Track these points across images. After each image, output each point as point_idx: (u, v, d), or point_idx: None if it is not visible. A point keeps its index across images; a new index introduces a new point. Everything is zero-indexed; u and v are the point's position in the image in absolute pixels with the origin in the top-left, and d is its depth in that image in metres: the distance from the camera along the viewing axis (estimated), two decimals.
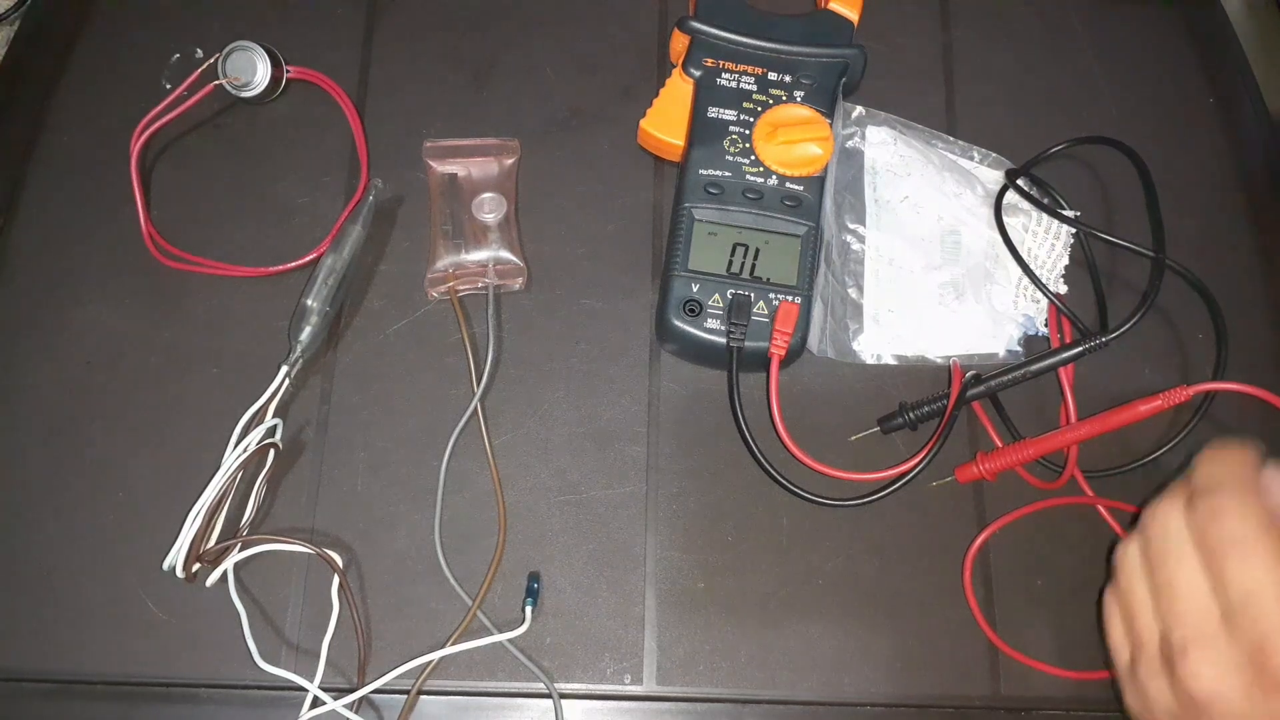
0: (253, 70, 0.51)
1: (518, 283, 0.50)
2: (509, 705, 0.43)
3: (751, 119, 0.48)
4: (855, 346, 0.49)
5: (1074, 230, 0.51)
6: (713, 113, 0.49)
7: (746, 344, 0.45)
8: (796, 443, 0.45)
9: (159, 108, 0.50)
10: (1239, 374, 0.47)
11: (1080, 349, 0.46)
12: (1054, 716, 0.44)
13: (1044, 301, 0.49)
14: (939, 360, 0.49)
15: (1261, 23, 0.60)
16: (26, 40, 0.56)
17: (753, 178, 0.47)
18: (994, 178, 0.52)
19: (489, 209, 0.50)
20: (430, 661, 0.43)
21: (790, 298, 0.46)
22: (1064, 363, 0.47)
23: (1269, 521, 0.33)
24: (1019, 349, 0.49)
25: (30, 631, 0.44)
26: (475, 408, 0.47)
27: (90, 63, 0.55)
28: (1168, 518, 0.35)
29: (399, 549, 0.45)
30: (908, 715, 0.44)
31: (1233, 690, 0.32)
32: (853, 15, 0.51)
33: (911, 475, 0.46)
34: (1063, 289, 0.50)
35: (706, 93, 0.49)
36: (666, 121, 0.50)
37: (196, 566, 0.43)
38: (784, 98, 0.49)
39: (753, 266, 0.46)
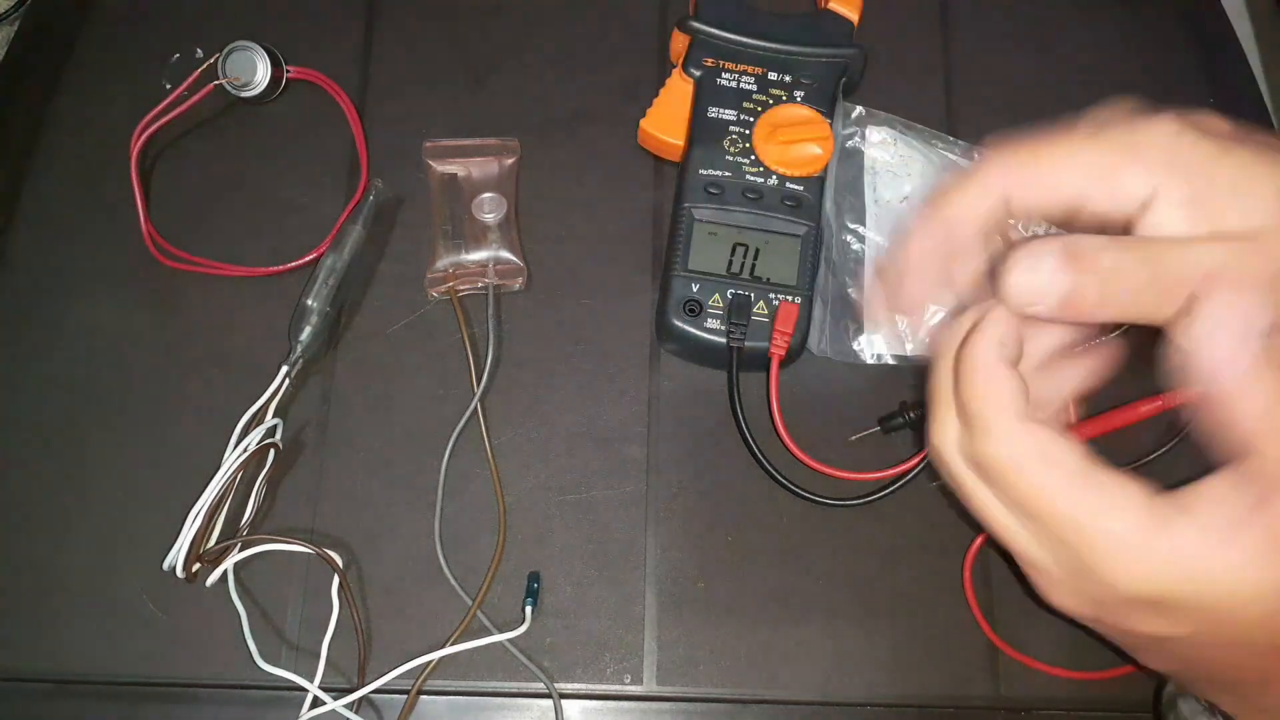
0: (253, 70, 0.51)
1: (518, 283, 0.50)
2: (509, 705, 0.43)
3: (751, 119, 0.48)
4: (855, 346, 0.49)
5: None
6: (713, 113, 0.49)
7: (746, 344, 0.45)
8: (796, 443, 0.45)
9: (159, 108, 0.50)
10: None
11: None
12: (1054, 716, 0.44)
13: None
14: None
15: (1261, 23, 0.60)
16: (26, 40, 0.56)
17: (753, 178, 0.47)
18: None
19: (489, 209, 0.50)
20: (430, 661, 0.43)
21: (790, 298, 0.46)
22: None
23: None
24: None
25: (30, 631, 0.44)
26: (475, 408, 0.47)
27: (90, 63, 0.55)
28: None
29: (399, 549, 0.45)
30: (908, 715, 0.44)
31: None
32: (853, 15, 0.51)
33: (911, 475, 0.46)
34: None
35: (706, 93, 0.49)
36: (666, 121, 0.50)
37: (197, 566, 0.43)
38: (784, 98, 0.49)
39: (753, 266, 0.46)
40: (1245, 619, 0.27)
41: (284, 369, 0.46)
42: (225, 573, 0.43)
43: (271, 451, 0.45)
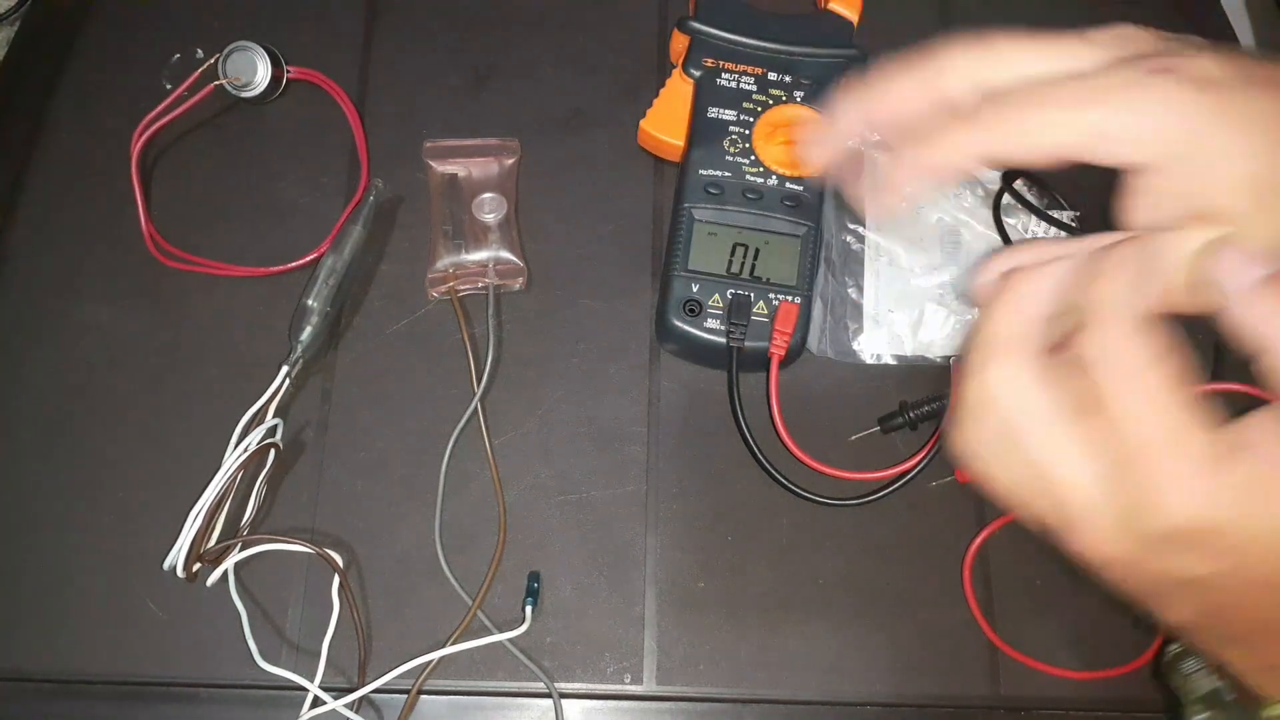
0: (253, 70, 0.51)
1: (518, 283, 0.50)
2: (509, 705, 0.43)
3: (751, 119, 0.48)
4: (855, 346, 0.49)
5: (1072, 230, 0.51)
6: (713, 113, 0.49)
7: (746, 344, 0.45)
8: (796, 443, 0.45)
9: (159, 108, 0.50)
10: (1238, 374, 0.47)
11: None
12: (1054, 716, 0.44)
13: None
14: (939, 360, 0.49)
15: (1261, 23, 0.60)
16: (26, 40, 0.56)
17: (753, 178, 0.47)
18: (994, 178, 0.52)
19: (489, 209, 0.50)
20: (430, 661, 0.43)
21: (790, 298, 0.46)
22: None
23: None
24: None
25: (30, 631, 0.44)
26: (475, 408, 0.47)
27: (90, 63, 0.55)
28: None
29: (399, 549, 0.45)
30: (908, 715, 0.44)
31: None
32: (853, 15, 0.52)
33: (911, 475, 0.46)
34: None
35: (706, 93, 0.49)
36: (666, 121, 0.50)
37: (197, 566, 0.43)
38: (784, 98, 0.49)
39: (753, 266, 0.46)
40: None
41: (284, 369, 0.46)
42: (226, 572, 0.43)
43: (272, 451, 0.45)
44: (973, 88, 0.32)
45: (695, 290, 0.46)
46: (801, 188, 0.47)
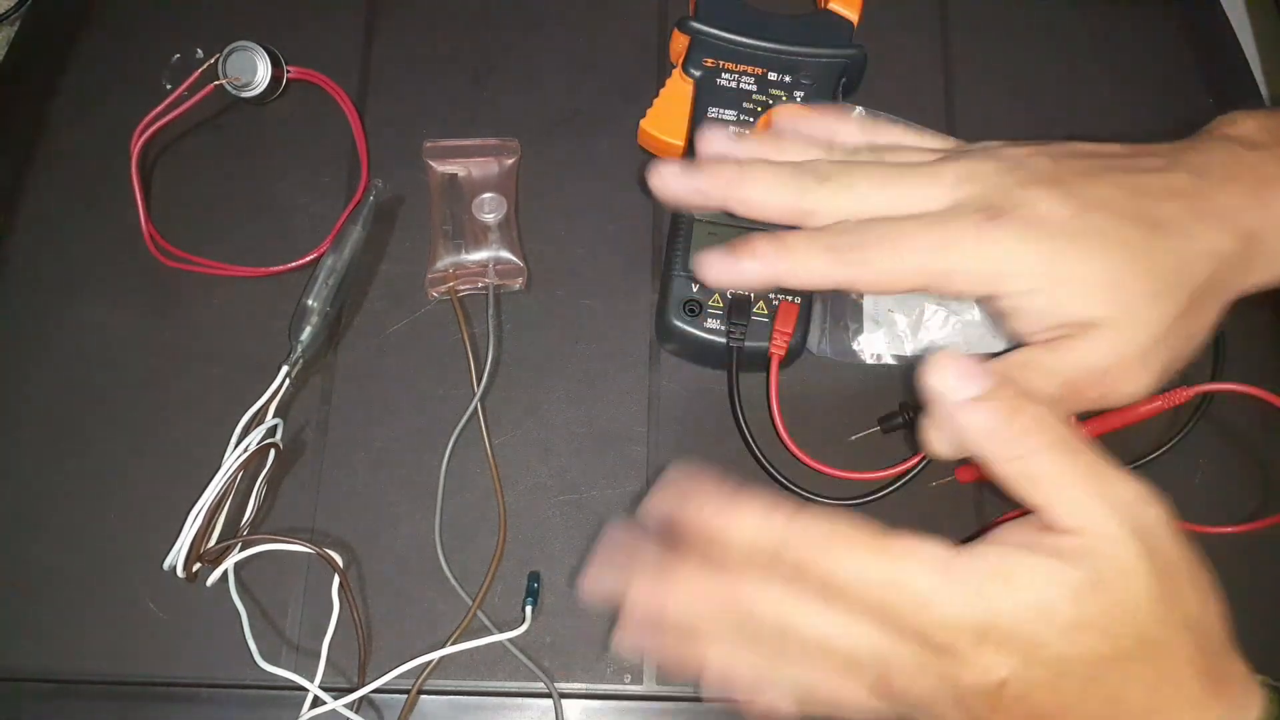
0: (253, 70, 0.51)
1: (518, 283, 0.50)
2: (509, 705, 0.43)
3: (751, 119, 0.48)
4: (855, 346, 0.49)
5: None
6: (713, 113, 0.49)
7: (746, 344, 0.45)
8: (796, 443, 0.45)
9: (159, 108, 0.50)
10: (1238, 374, 0.47)
11: None
12: None
13: None
14: None
15: (1261, 23, 0.60)
16: (26, 40, 0.56)
17: None
18: None
19: (489, 209, 0.50)
20: (430, 661, 0.43)
21: (790, 297, 0.46)
22: None
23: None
24: None
25: (30, 631, 0.44)
26: (475, 408, 0.47)
27: (90, 63, 0.55)
28: None
29: (399, 549, 0.45)
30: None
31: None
32: (853, 15, 0.51)
33: (911, 475, 0.46)
34: None
35: (706, 93, 0.49)
36: (666, 121, 0.50)
37: (197, 566, 0.43)
38: (784, 98, 0.49)
39: None
40: (1060, 639, 0.28)
41: (284, 369, 0.46)
42: (226, 572, 0.43)
43: (272, 451, 0.45)
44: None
45: (695, 290, 0.46)
46: None
